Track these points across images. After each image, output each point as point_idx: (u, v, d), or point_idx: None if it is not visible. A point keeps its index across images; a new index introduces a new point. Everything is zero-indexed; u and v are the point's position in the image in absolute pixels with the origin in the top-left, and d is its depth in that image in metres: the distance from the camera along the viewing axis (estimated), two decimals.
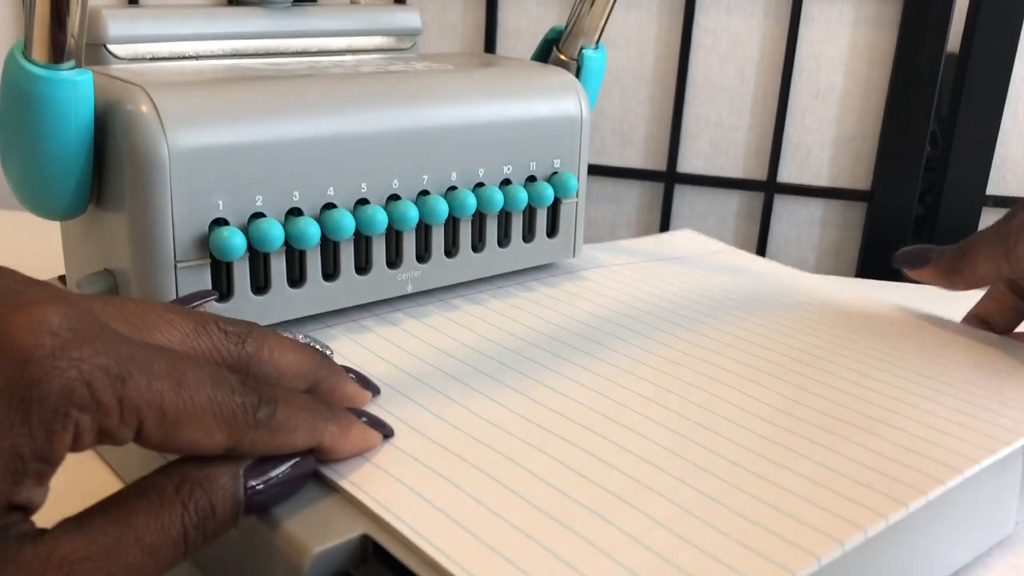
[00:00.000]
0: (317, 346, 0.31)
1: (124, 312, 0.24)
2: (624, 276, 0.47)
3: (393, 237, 0.40)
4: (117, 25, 0.40)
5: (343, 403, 0.30)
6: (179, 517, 0.23)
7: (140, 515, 0.23)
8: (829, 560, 0.25)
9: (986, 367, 0.38)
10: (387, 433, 0.30)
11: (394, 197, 0.39)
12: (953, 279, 0.39)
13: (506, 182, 0.43)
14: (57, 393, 0.20)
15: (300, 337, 0.31)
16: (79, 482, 0.31)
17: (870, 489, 0.28)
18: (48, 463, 0.21)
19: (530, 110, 0.43)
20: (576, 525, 0.26)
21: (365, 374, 0.33)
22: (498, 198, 0.42)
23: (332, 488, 0.28)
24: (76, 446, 0.21)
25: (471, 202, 0.41)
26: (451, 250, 0.43)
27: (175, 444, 0.23)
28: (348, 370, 0.32)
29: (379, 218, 0.38)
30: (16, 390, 0.20)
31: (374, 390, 0.32)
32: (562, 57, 0.48)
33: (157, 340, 0.24)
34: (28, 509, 0.22)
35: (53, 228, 0.40)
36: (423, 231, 0.41)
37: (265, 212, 0.36)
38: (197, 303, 0.33)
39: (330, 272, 0.39)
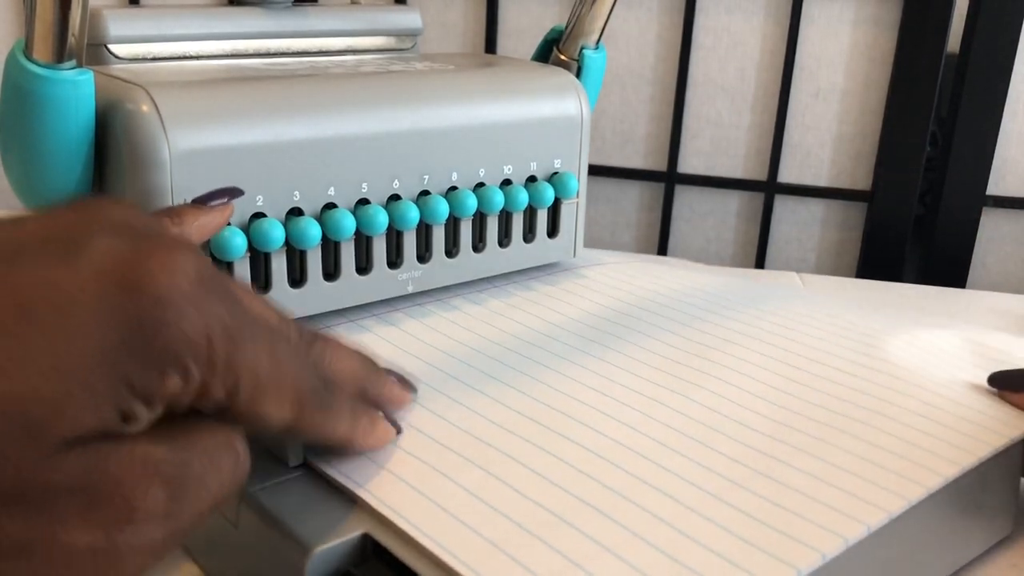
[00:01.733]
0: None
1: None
2: (623, 275, 0.47)
3: (394, 237, 0.40)
4: (118, 25, 0.40)
5: (388, 406, 0.31)
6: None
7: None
8: (833, 556, 0.25)
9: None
10: (398, 430, 0.31)
11: (395, 197, 0.39)
12: None
13: (506, 182, 0.43)
14: (182, 340, 0.20)
15: None
16: None
17: (871, 484, 0.28)
18: (147, 405, 0.20)
19: (530, 110, 0.43)
20: (580, 522, 0.26)
21: (404, 374, 0.33)
22: (499, 198, 0.42)
23: (333, 487, 0.28)
24: (175, 401, 0.21)
25: (472, 202, 0.41)
26: (451, 250, 0.42)
27: (251, 414, 0.23)
28: (389, 372, 0.32)
29: (380, 218, 0.38)
30: (145, 325, 0.20)
31: (414, 389, 0.33)
32: (562, 57, 0.48)
33: None
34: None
35: None
36: (424, 231, 0.41)
37: (266, 212, 0.36)
38: (219, 201, 0.33)
39: (331, 272, 0.39)
